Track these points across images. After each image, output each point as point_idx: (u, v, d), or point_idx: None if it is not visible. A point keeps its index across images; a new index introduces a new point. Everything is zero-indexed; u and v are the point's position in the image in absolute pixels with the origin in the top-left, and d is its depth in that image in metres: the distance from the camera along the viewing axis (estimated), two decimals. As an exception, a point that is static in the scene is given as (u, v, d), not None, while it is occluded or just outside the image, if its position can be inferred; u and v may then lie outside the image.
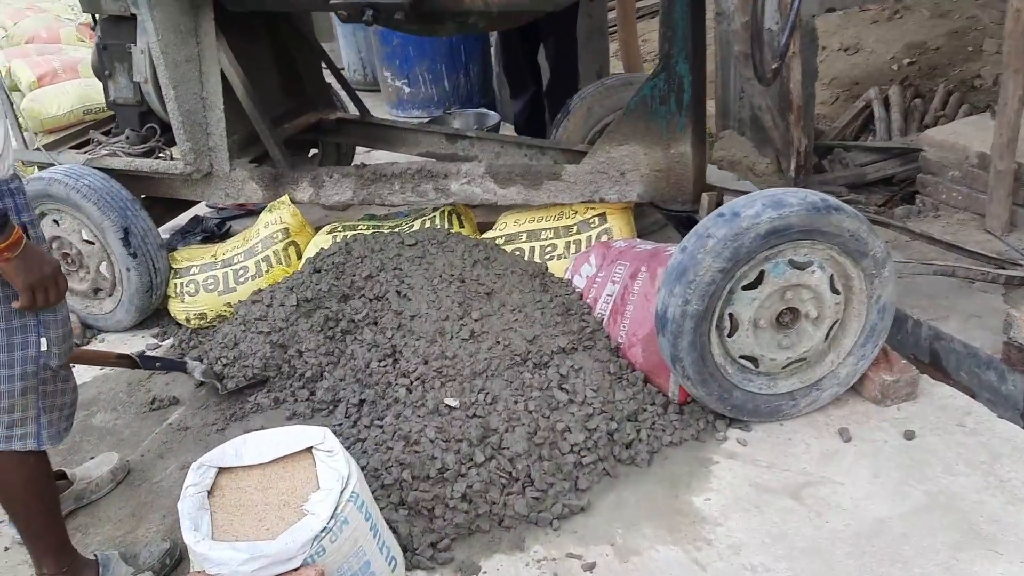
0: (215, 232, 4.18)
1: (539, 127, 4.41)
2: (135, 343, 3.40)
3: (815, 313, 2.41)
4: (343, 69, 7.06)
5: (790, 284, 2.35)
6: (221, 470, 2.06)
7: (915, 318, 3.05)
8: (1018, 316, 2.49)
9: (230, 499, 2.00)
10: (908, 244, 3.58)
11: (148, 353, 3.13)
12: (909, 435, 2.41)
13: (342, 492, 1.93)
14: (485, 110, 4.77)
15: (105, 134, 3.65)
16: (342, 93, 4.13)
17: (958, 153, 3.60)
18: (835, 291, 2.41)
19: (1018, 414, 2.54)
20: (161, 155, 3.44)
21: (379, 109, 6.26)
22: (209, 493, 2.00)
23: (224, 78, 3.21)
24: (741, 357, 2.44)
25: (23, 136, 3.54)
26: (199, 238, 4.11)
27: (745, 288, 2.35)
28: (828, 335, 2.46)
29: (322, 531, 1.86)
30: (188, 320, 3.35)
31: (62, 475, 2.50)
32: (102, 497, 2.54)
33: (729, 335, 2.41)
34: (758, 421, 2.53)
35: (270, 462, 2.07)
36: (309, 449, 2.08)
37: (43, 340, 1.88)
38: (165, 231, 4.18)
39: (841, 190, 5.26)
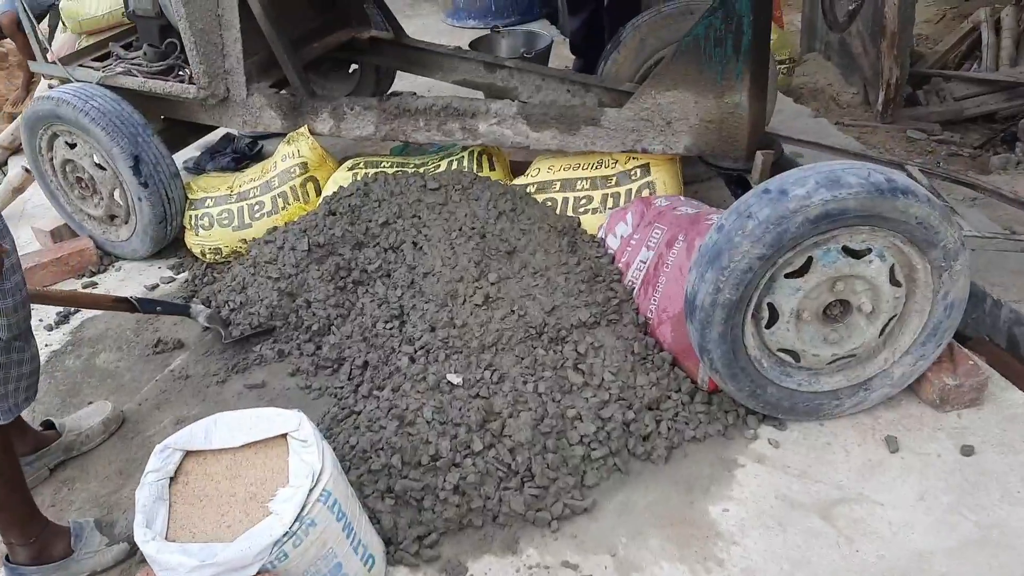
0: (246, 152, 3.99)
1: (597, 50, 4.02)
2: (151, 273, 3.27)
3: (869, 307, 2.09)
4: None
5: (842, 274, 2.04)
6: (189, 453, 1.91)
7: (995, 297, 2.70)
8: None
9: (194, 487, 1.85)
10: (999, 203, 3.17)
11: (149, 297, 2.99)
12: (967, 450, 2.11)
13: (311, 491, 1.76)
14: (537, 30, 4.38)
15: (126, 47, 3.44)
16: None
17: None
18: (895, 283, 2.08)
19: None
20: (181, 73, 3.22)
21: (434, 17, 5.93)
22: (172, 479, 1.86)
23: (241, -6, 2.94)
24: (779, 350, 2.16)
25: (41, 46, 3.33)
26: (229, 158, 3.93)
27: (789, 276, 2.04)
28: (883, 331, 2.15)
29: (284, 535, 1.69)
30: (203, 254, 3.20)
31: (50, 425, 2.40)
32: (93, 449, 2.45)
33: (767, 326, 2.12)
34: (795, 420, 2.26)
35: (241, 447, 1.91)
36: (284, 435, 1.91)
37: None
38: (197, 147, 4.02)
39: (934, 127, 4.77)
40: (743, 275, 1.97)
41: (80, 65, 3.36)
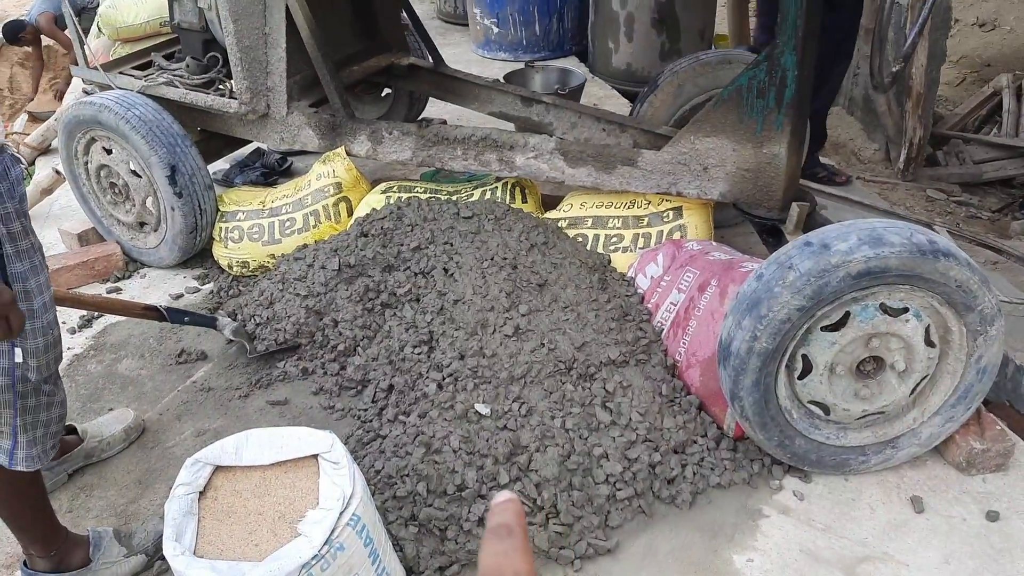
0: (276, 168, 4.01)
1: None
2: (176, 282, 3.28)
3: (903, 365, 2.10)
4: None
5: (878, 331, 2.05)
6: (218, 468, 1.90)
7: (1017, 363, 2.71)
8: None
9: (223, 503, 1.84)
10: (1021, 269, 3.20)
11: (177, 307, 2.99)
12: (992, 516, 2.11)
13: (341, 514, 1.75)
14: (570, 67, 4.43)
15: (168, 57, 3.47)
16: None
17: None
18: (930, 343, 2.10)
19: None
20: (221, 87, 3.25)
21: (464, 46, 6.00)
22: (201, 494, 1.85)
23: (289, 14, 2.97)
24: (810, 402, 2.16)
25: (85, 54, 3.36)
26: (258, 172, 3.95)
27: (825, 329, 2.06)
28: (914, 390, 2.16)
29: (313, 558, 1.68)
30: (231, 266, 3.21)
31: (72, 430, 2.39)
32: (113, 456, 2.44)
33: (800, 377, 2.12)
34: (820, 473, 2.26)
35: (271, 465, 1.90)
36: (315, 456, 1.91)
37: (18, 351, 1.67)
38: (226, 160, 4.04)
39: (953, 188, 4.82)
40: (781, 325, 1.99)
41: (121, 73, 3.39)
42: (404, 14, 3.66)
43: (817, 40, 2.41)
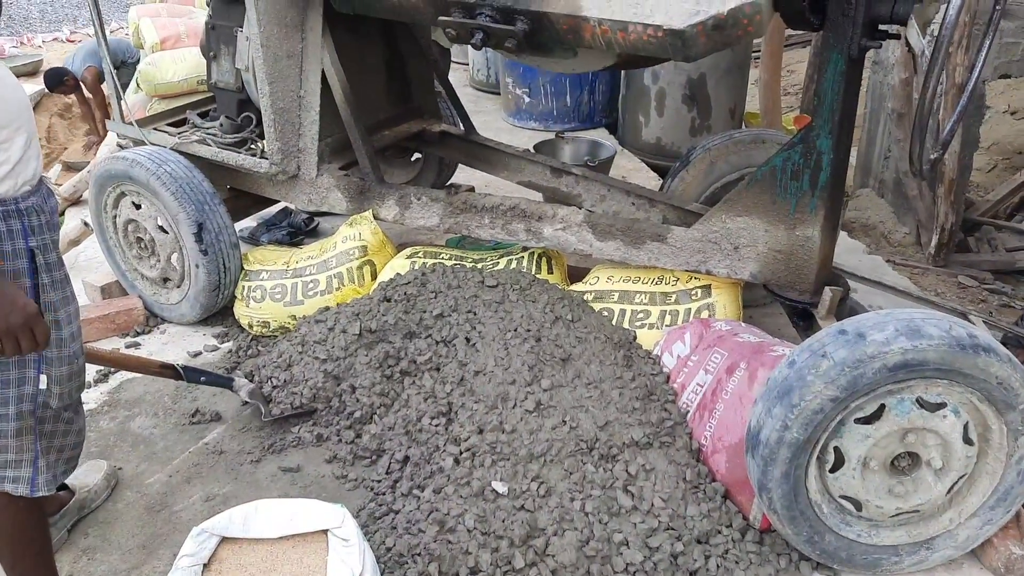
0: (302, 228, 4.02)
1: None
2: (195, 340, 3.25)
3: (939, 463, 2.01)
4: (467, 66, 6.87)
5: (914, 426, 1.97)
6: (224, 539, 1.84)
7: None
8: None
9: (227, 576, 1.78)
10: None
11: (194, 366, 2.95)
12: (1033, 627, 2.00)
13: (348, 595, 1.68)
14: (601, 140, 4.43)
15: (203, 115, 3.51)
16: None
17: None
18: (968, 441, 2.01)
19: None
20: (252, 147, 3.27)
21: (496, 115, 6.05)
22: (205, 566, 1.79)
23: (324, 78, 3.00)
24: (841, 497, 2.07)
25: (121, 109, 3.41)
26: (284, 232, 3.95)
27: (859, 421, 1.98)
28: (951, 489, 2.06)
29: (316, 641, 1.61)
30: (251, 326, 3.18)
31: (63, 486, 2.34)
32: (100, 505, 2.42)
33: (831, 470, 2.04)
34: (850, 571, 2.15)
35: (279, 539, 1.84)
36: (325, 531, 1.84)
37: (43, 377, 1.69)
38: (253, 218, 4.05)
39: (985, 275, 4.73)
40: (813, 415, 1.91)
41: (156, 128, 3.42)
42: (437, 81, 3.70)
43: (852, 123, 2.39)
